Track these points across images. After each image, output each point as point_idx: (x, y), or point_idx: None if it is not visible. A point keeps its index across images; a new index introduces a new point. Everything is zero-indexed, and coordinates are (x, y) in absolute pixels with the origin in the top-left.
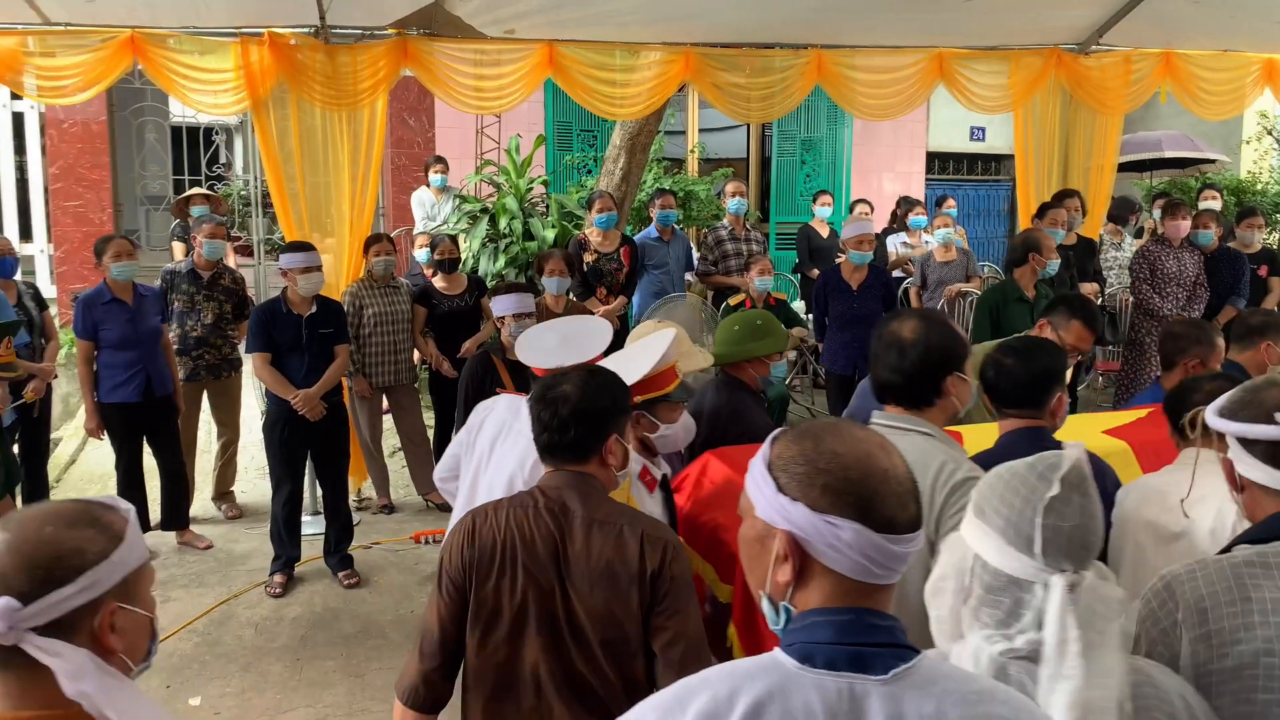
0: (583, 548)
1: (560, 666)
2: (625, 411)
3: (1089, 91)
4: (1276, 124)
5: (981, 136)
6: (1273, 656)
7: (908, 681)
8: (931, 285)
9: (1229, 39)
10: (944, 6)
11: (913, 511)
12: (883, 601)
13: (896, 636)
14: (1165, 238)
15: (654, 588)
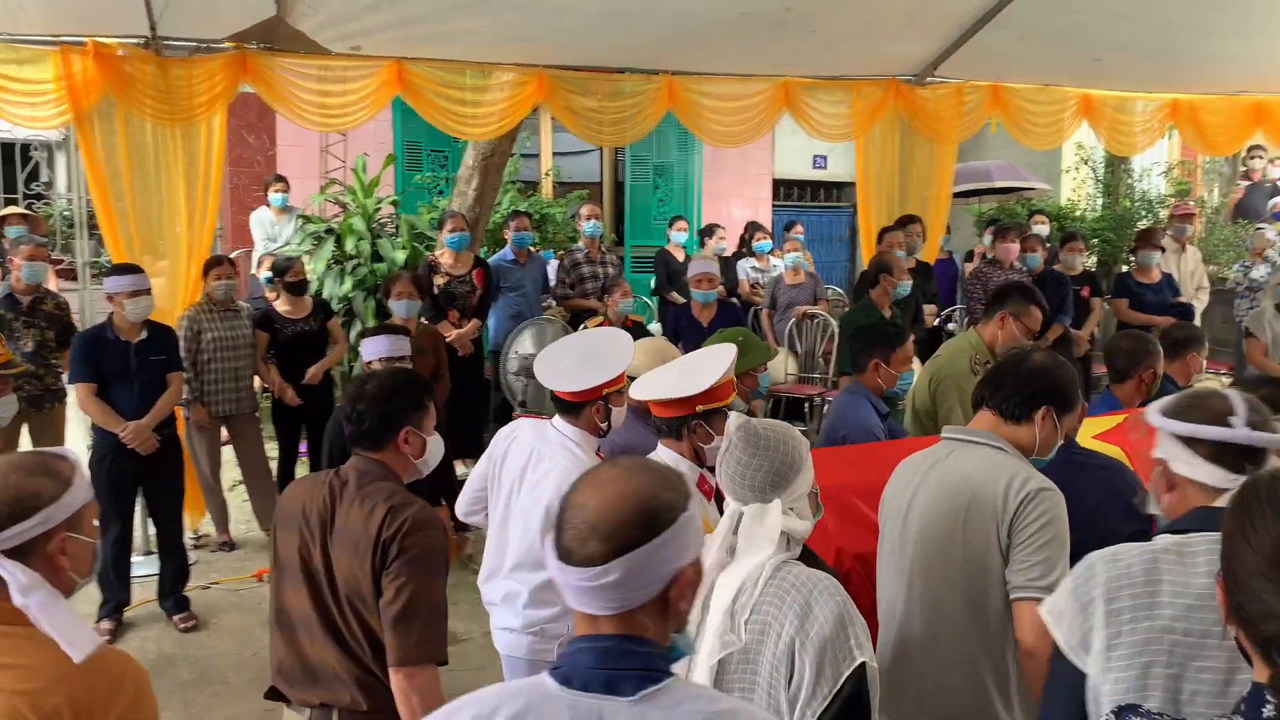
0: (344, 518)
1: (319, 613)
2: (419, 408)
3: (925, 121)
4: (1092, 154)
5: (824, 164)
6: (1173, 634)
7: (654, 702)
8: (781, 307)
9: (1050, 74)
10: (789, 36)
11: (594, 549)
12: (642, 627)
13: (652, 662)
14: (996, 260)
15: (384, 553)
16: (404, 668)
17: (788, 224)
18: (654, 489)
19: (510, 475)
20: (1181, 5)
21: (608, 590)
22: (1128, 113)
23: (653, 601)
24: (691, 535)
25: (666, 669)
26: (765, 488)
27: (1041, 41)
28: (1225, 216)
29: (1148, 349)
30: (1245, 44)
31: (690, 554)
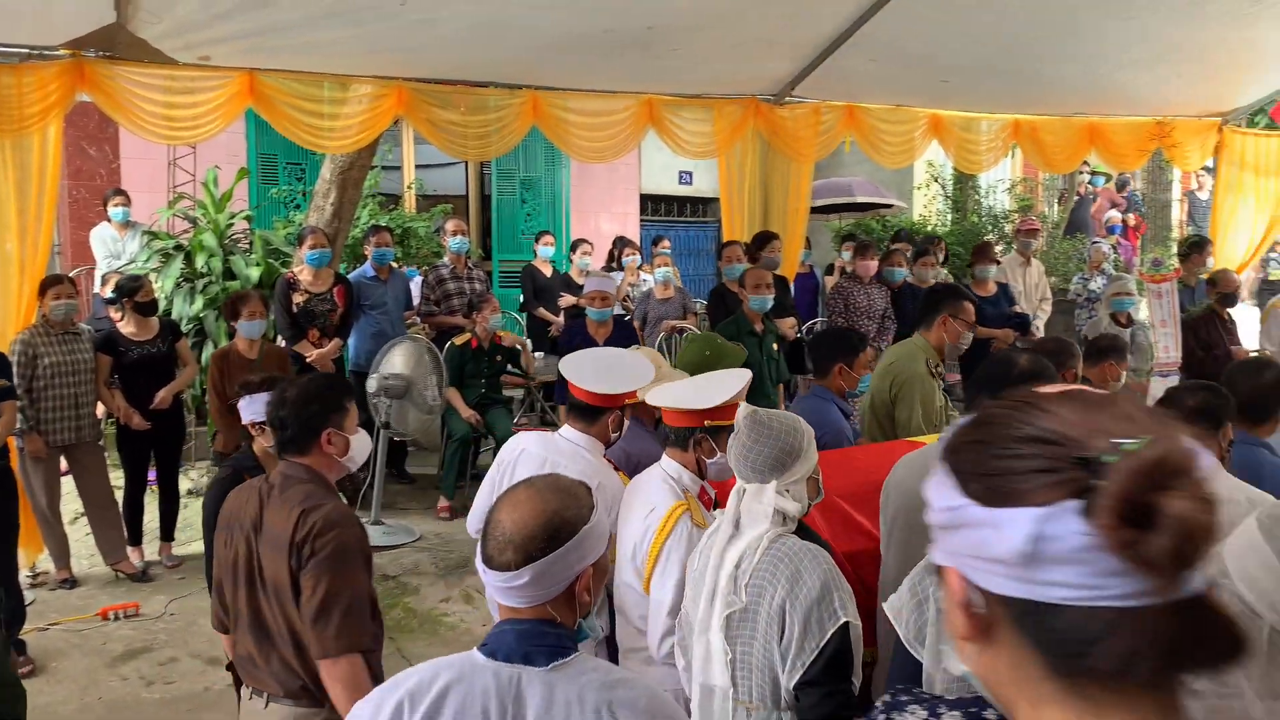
0: (270, 519)
1: (251, 610)
2: (339, 409)
3: (784, 140)
4: (942, 172)
5: (690, 180)
6: None
7: (562, 672)
8: (651, 322)
9: (901, 95)
10: (652, 55)
11: (509, 558)
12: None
13: (561, 641)
14: (856, 275)
15: (299, 554)
16: (324, 660)
17: (655, 239)
18: (560, 507)
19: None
20: (1020, 32)
21: (521, 590)
22: (974, 132)
23: (562, 595)
24: (593, 542)
25: (573, 646)
26: (765, 470)
27: (893, 64)
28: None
29: (1071, 351)
30: (1079, 69)
31: (592, 557)
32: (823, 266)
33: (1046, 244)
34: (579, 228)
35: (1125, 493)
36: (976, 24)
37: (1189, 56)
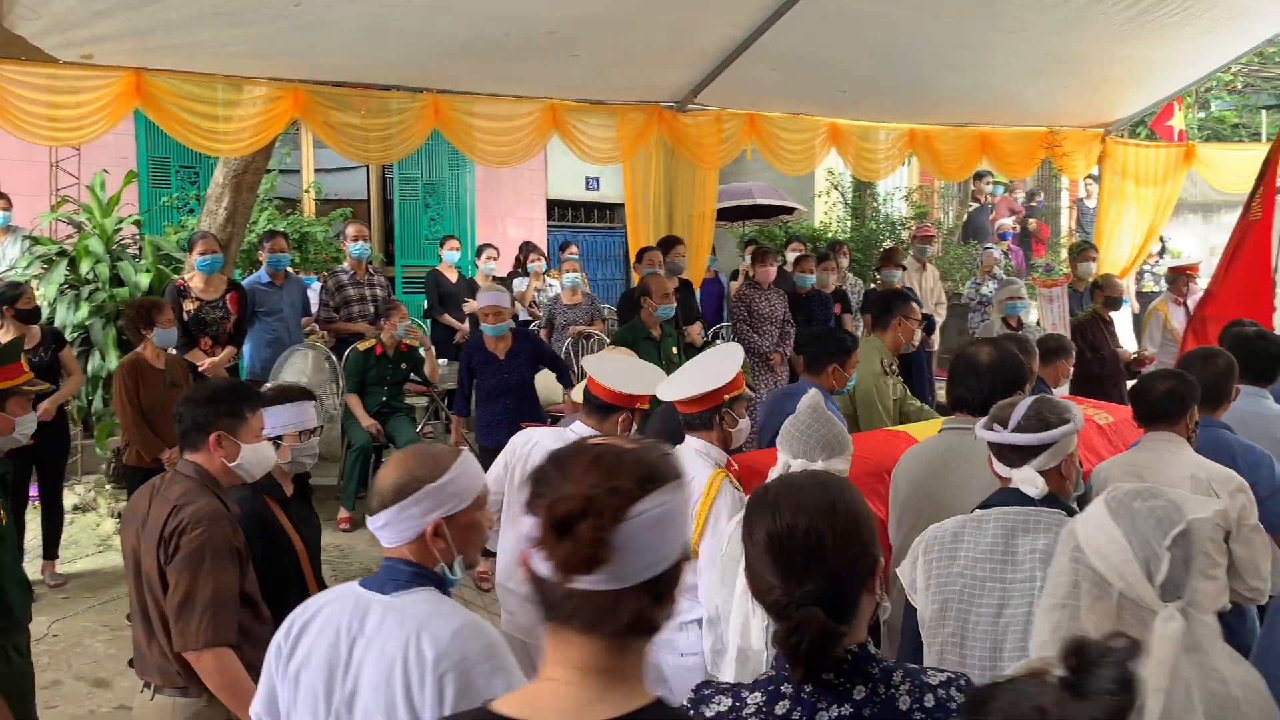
0: (151, 514)
1: (139, 602)
2: (233, 415)
3: (687, 147)
4: (841, 180)
5: (597, 186)
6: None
7: (400, 599)
8: (559, 327)
9: (801, 104)
10: (554, 60)
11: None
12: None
13: (411, 577)
14: (757, 281)
15: (167, 549)
16: (187, 653)
17: (563, 244)
18: (413, 467)
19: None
20: (913, 44)
21: (381, 532)
22: (871, 141)
23: (415, 540)
24: (442, 499)
25: (426, 583)
26: (815, 450)
27: (791, 73)
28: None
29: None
30: (970, 80)
31: (439, 511)
32: (728, 272)
33: (942, 249)
34: (485, 233)
35: None
36: (871, 36)
37: (1073, 69)
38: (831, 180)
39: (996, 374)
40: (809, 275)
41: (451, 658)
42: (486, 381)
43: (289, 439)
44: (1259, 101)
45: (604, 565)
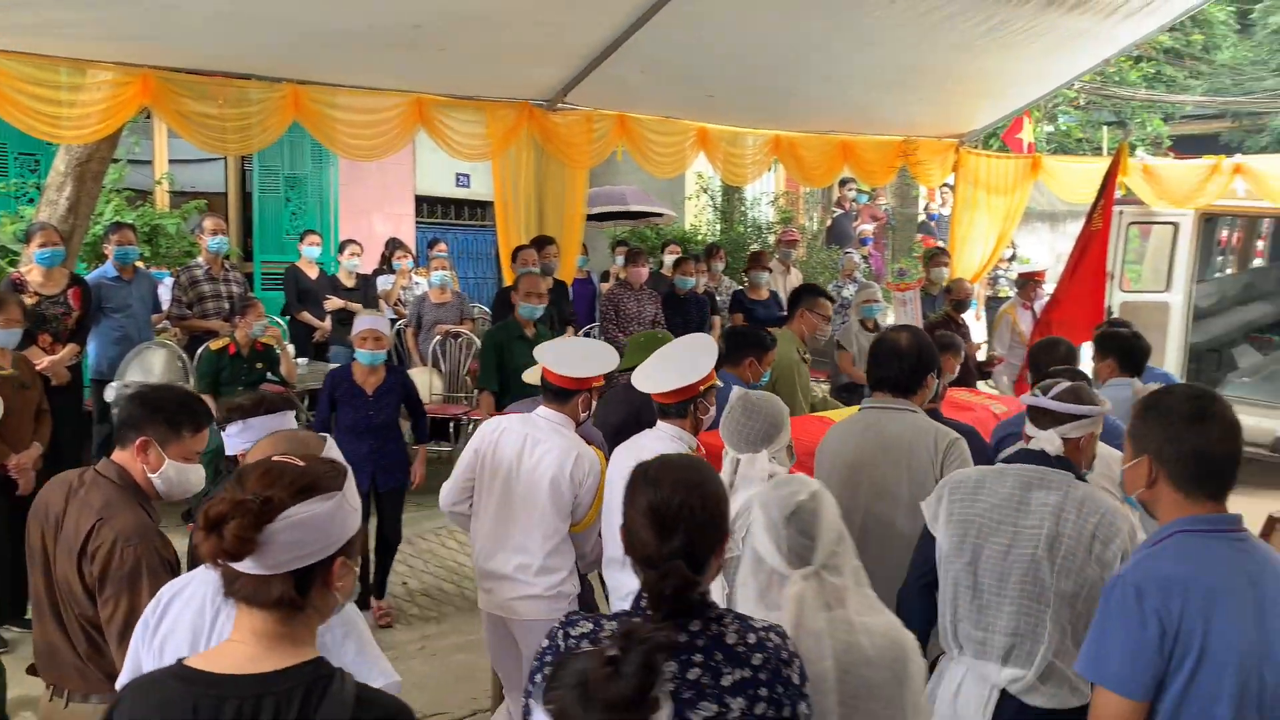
0: (68, 520)
1: (49, 600)
2: (168, 425)
3: (558, 146)
4: (711, 183)
5: (467, 183)
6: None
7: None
8: (426, 326)
9: (671, 108)
10: (420, 54)
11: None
12: None
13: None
14: (628, 282)
15: (90, 562)
16: None
17: (431, 241)
18: (291, 452)
19: (506, 461)
20: (777, 53)
21: None
22: (739, 146)
23: None
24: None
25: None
26: (757, 441)
27: (660, 76)
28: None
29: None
30: (832, 90)
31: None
32: (600, 272)
33: (807, 253)
34: (350, 228)
35: None
36: (736, 44)
37: (928, 82)
38: (701, 184)
39: (914, 357)
40: (689, 278)
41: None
42: (349, 417)
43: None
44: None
45: (251, 555)
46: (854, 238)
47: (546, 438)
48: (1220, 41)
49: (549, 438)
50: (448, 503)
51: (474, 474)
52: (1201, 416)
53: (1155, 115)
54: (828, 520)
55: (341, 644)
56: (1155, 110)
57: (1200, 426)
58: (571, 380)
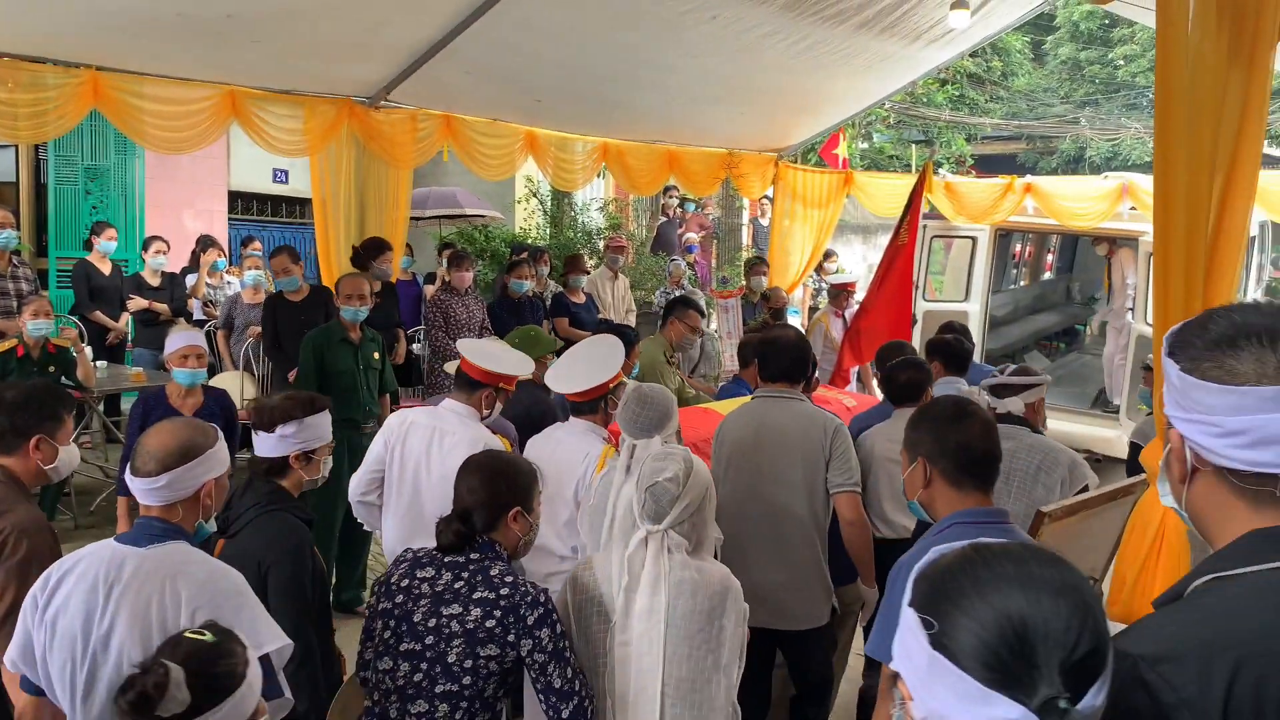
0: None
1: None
2: (53, 418)
3: (381, 145)
4: (540, 188)
5: (285, 179)
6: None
7: (155, 551)
8: (238, 329)
9: (498, 110)
10: (233, 45)
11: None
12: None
13: (168, 532)
14: (453, 286)
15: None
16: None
17: (245, 239)
18: (191, 435)
19: (415, 453)
20: (603, 60)
21: (158, 491)
22: (568, 152)
23: (188, 498)
24: (214, 464)
25: (179, 537)
26: (650, 428)
27: (487, 79)
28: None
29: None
30: (659, 100)
31: (211, 475)
32: (425, 274)
33: (635, 260)
34: (157, 224)
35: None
36: (563, 51)
37: (749, 97)
38: (530, 188)
39: (800, 351)
40: (524, 281)
41: (203, 596)
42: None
43: (322, 451)
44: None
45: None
46: (679, 245)
47: (454, 429)
48: (1017, 69)
49: (457, 429)
50: (356, 493)
51: (383, 465)
52: (961, 416)
53: (959, 135)
54: (685, 497)
55: (238, 614)
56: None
57: (961, 424)
58: (486, 374)
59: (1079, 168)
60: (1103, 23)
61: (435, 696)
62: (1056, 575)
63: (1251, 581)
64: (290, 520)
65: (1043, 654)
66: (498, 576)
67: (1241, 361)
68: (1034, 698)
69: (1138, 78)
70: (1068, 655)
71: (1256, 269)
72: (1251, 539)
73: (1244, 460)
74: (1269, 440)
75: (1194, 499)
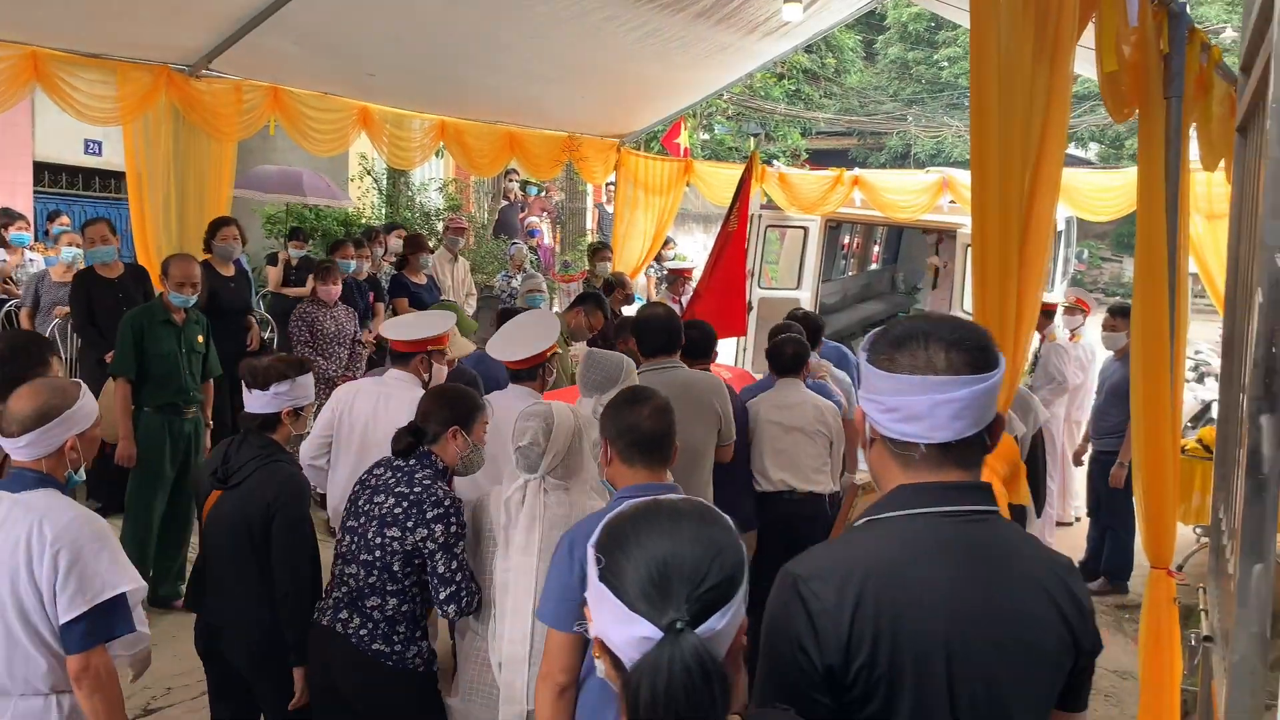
0: None
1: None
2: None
3: (202, 115)
4: (375, 166)
5: (99, 150)
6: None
7: (27, 496)
8: (44, 309)
9: (329, 84)
10: (35, 1)
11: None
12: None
13: (41, 482)
14: (319, 299)
15: None
16: None
17: (51, 213)
18: (49, 398)
19: (362, 416)
20: (439, 36)
21: (23, 450)
22: (404, 129)
23: (54, 453)
24: (76, 421)
25: (49, 485)
26: (600, 386)
27: (317, 51)
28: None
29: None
30: (499, 79)
31: (73, 432)
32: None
33: (475, 243)
34: None
35: None
36: (396, 24)
37: (591, 81)
38: (365, 165)
39: (673, 323)
40: (349, 261)
41: (66, 537)
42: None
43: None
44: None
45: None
46: (520, 229)
47: (398, 392)
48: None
49: (400, 392)
50: (307, 457)
51: (331, 430)
52: (634, 401)
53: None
54: (550, 450)
55: (98, 556)
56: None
57: (632, 408)
58: (406, 344)
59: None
60: (929, 25)
61: (359, 563)
62: (700, 526)
63: (893, 523)
64: (289, 468)
65: (676, 586)
66: (420, 478)
67: (902, 355)
68: (664, 620)
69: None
70: (694, 589)
71: (1063, 262)
72: (898, 491)
73: (896, 431)
74: (912, 416)
75: (870, 460)
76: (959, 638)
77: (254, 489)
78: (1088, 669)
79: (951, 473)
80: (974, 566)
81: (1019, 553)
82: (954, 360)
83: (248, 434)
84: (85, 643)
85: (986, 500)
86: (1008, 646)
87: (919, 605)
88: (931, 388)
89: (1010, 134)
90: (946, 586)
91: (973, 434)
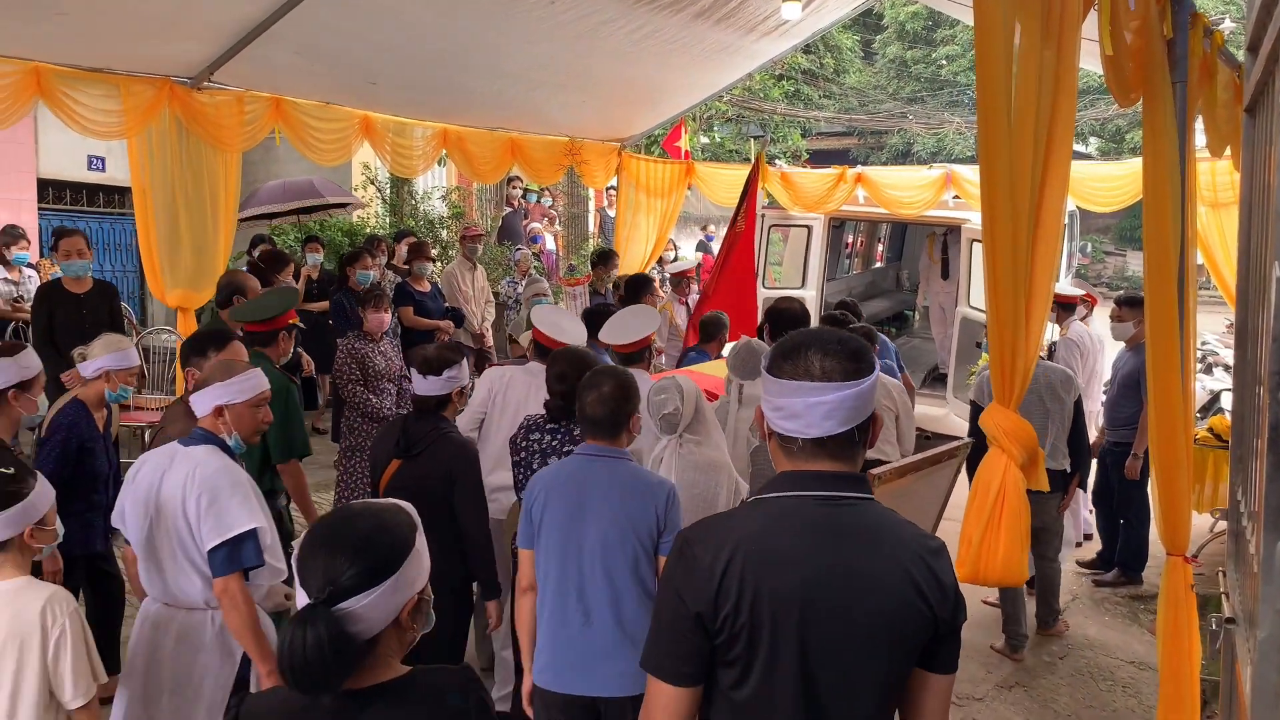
0: None
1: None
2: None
3: (205, 127)
4: (378, 175)
5: (101, 166)
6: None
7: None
8: None
9: (331, 93)
10: (35, 18)
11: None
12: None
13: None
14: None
15: None
16: None
17: (56, 230)
18: (211, 371)
19: (516, 399)
20: (437, 44)
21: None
22: (407, 137)
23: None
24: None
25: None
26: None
27: (318, 61)
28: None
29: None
30: (501, 86)
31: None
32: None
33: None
34: None
35: None
36: (396, 33)
37: (591, 85)
38: (368, 174)
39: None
40: (369, 272)
41: (209, 482)
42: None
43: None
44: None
45: None
46: (524, 235)
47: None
48: (849, 66)
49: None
50: (465, 427)
51: (486, 408)
52: (590, 386)
53: (795, 130)
54: (687, 414)
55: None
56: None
57: (585, 393)
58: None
59: (907, 161)
60: (927, 23)
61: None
62: (352, 523)
63: (771, 502)
64: (462, 438)
65: (308, 573)
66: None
67: (787, 364)
68: (310, 597)
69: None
70: (326, 581)
71: (1067, 255)
72: (780, 477)
73: (781, 427)
74: (791, 415)
75: (771, 452)
76: (810, 599)
77: (436, 456)
78: (949, 637)
79: (825, 463)
80: (835, 541)
81: (885, 533)
82: (827, 368)
83: (421, 412)
84: (224, 568)
85: (858, 488)
86: (854, 610)
87: (779, 569)
88: (806, 391)
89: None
90: (804, 556)
91: (844, 431)
